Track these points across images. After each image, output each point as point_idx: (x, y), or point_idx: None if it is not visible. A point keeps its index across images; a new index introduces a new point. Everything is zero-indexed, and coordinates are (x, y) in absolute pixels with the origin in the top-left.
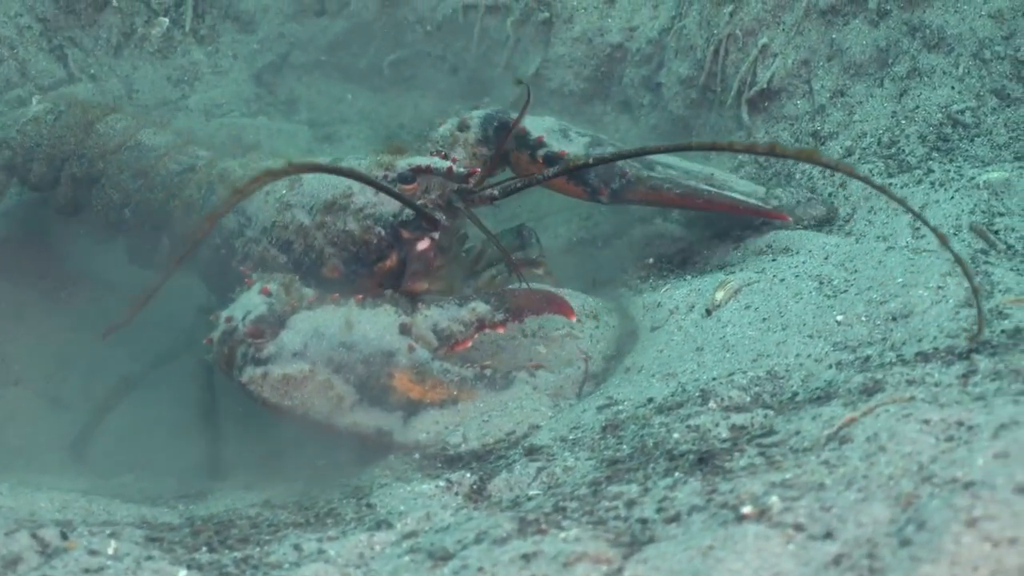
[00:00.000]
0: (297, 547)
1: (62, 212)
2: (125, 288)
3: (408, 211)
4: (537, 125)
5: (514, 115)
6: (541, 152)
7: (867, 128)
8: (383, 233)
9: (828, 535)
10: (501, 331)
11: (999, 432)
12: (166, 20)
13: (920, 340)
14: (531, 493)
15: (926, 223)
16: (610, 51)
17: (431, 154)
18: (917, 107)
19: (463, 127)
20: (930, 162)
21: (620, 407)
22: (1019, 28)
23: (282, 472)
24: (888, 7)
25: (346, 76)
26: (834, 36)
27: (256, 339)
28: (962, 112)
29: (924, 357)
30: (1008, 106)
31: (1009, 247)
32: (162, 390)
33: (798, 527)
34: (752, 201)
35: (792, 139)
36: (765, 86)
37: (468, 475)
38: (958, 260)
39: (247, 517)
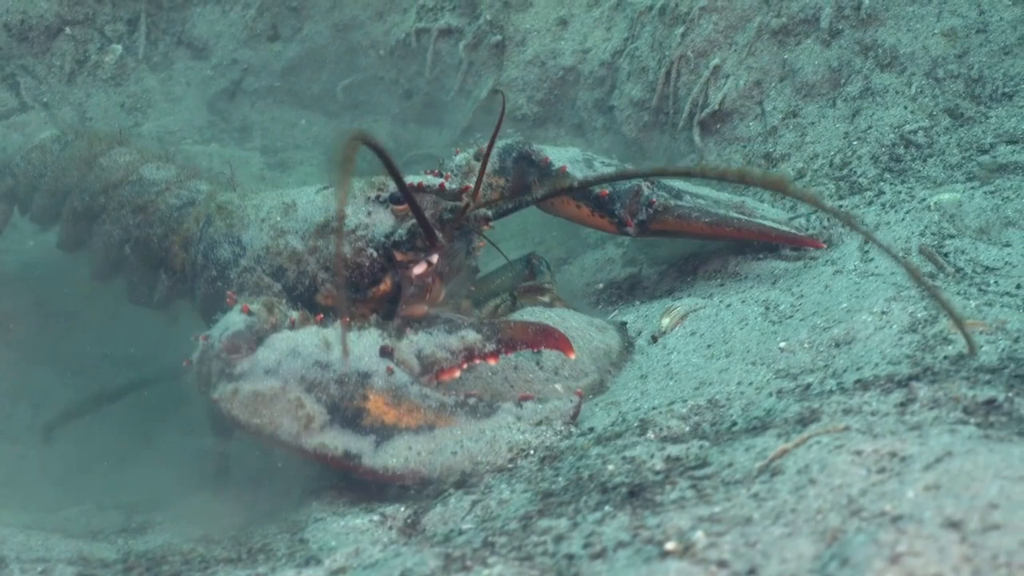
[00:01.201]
0: None
1: (64, 248)
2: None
3: (401, 232)
4: (560, 156)
5: (534, 147)
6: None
7: (819, 149)
8: (375, 255)
9: (751, 572)
10: (492, 363)
11: (932, 464)
12: (119, 47)
13: (861, 367)
14: (464, 527)
15: (907, 267)
16: (563, 74)
17: (426, 173)
18: (870, 127)
19: (480, 157)
20: (882, 183)
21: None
22: (972, 46)
23: (232, 504)
24: (840, 26)
25: (300, 102)
26: (786, 56)
27: (231, 355)
28: (915, 132)
29: (863, 385)
30: (961, 125)
31: (958, 270)
32: (114, 422)
33: (722, 563)
34: (784, 228)
35: (745, 161)
36: (717, 108)
37: (403, 508)
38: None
39: (180, 553)
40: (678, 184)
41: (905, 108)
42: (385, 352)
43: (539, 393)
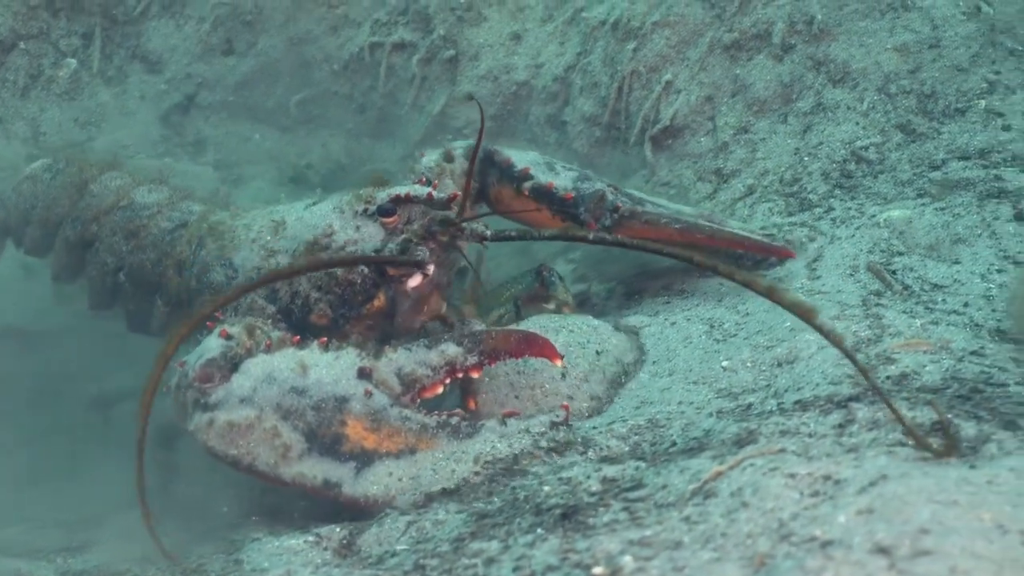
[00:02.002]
0: None
1: (59, 279)
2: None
3: (392, 246)
4: (522, 158)
5: (496, 148)
6: (528, 184)
7: (769, 165)
8: (367, 271)
9: None
10: (475, 375)
11: (866, 487)
12: (73, 62)
13: (802, 388)
14: (398, 548)
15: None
16: (516, 88)
17: (413, 182)
18: (821, 143)
19: (449, 158)
20: (832, 200)
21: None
22: (925, 61)
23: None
24: (793, 42)
25: (253, 116)
26: (738, 72)
27: (204, 384)
28: (866, 148)
29: (803, 406)
30: (913, 141)
31: (906, 287)
32: (59, 441)
33: None
34: (756, 236)
35: (695, 177)
36: (668, 123)
37: (338, 529)
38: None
39: (114, 573)
40: (637, 192)
41: (857, 124)
42: (363, 373)
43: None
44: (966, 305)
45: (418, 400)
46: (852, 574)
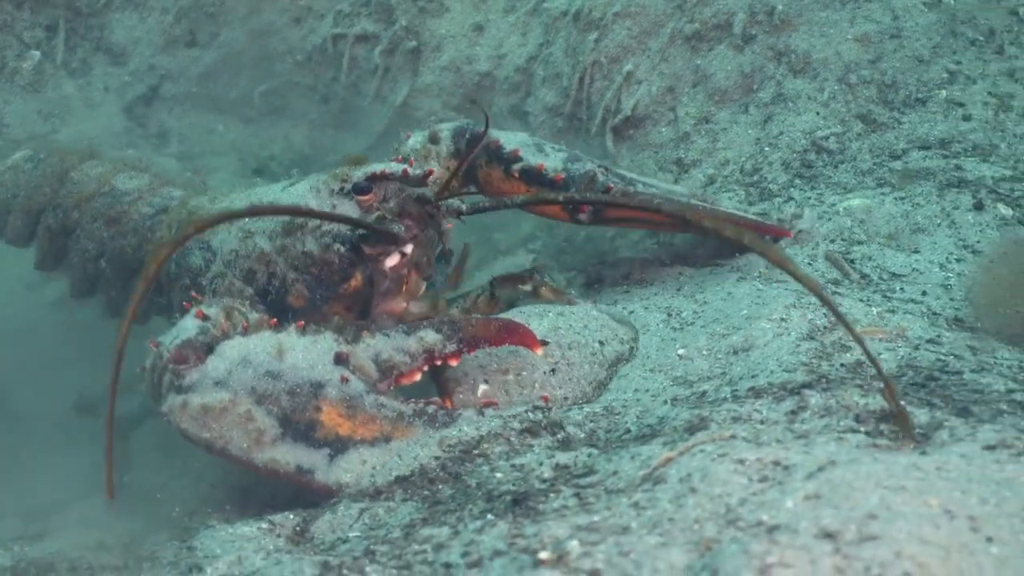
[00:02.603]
0: None
1: (42, 268)
2: None
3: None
4: (511, 140)
5: (482, 128)
6: (517, 166)
7: (730, 155)
8: (343, 250)
9: None
10: (453, 363)
11: (815, 473)
12: (37, 53)
13: (756, 375)
14: (351, 535)
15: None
16: (478, 79)
17: (389, 160)
18: (781, 133)
19: (434, 139)
20: (792, 189)
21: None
22: (886, 51)
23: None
24: (753, 32)
25: (217, 107)
26: (699, 62)
27: (179, 365)
28: (826, 138)
29: (756, 393)
30: (873, 131)
31: (863, 276)
32: (18, 430)
33: (594, 573)
34: (751, 216)
35: (656, 167)
36: (630, 113)
37: (292, 516)
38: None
39: (68, 560)
40: (628, 172)
41: (817, 114)
42: (340, 359)
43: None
44: (924, 294)
45: (395, 387)
46: (797, 558)
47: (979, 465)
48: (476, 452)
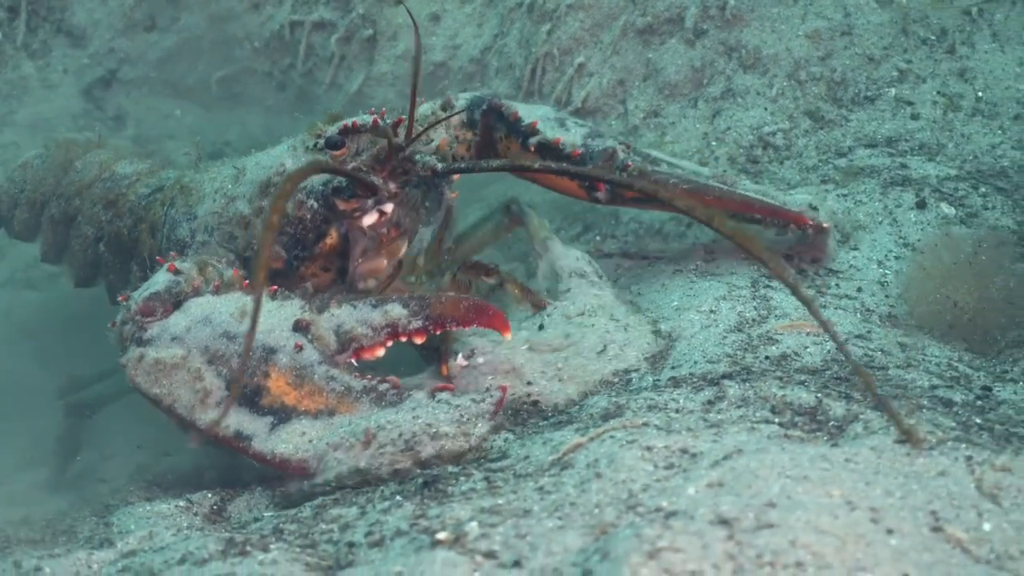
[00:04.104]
0: (17, 564)
1: (47, 260)
2: None
3: (340, 178)
4: (531, 112)
5: (504, 102)
6: (534, 140)
7: (677, 149)
8: (316, 207)
9: (516, 563)
10: (419, 340)
11: (720, 461)
12: None
13: (680, 365)
14: (265, 514)
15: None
16: (433, 69)
17: (366, 113)
18: (729, 128)
19: (447, 107)
20: (735, 185)
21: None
22: (836, 49)
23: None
24: (705, 27)
25: (175, 92)
26: (650, 56)
27: (145, 317)
28: (773, 134)
29: (676, 382)
30: (821, 128)
31: (801, 271)
32: None
33: (490, 554)
34: (770, 200)
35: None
36: (580, 106)
37: (210, 496)
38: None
39: None
40: (655, 152)
41: (765, 110)
42: (299, 326)
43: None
44: (859, 290)
45: (354, 361)
46: (688, 543)
47: (889, 458)
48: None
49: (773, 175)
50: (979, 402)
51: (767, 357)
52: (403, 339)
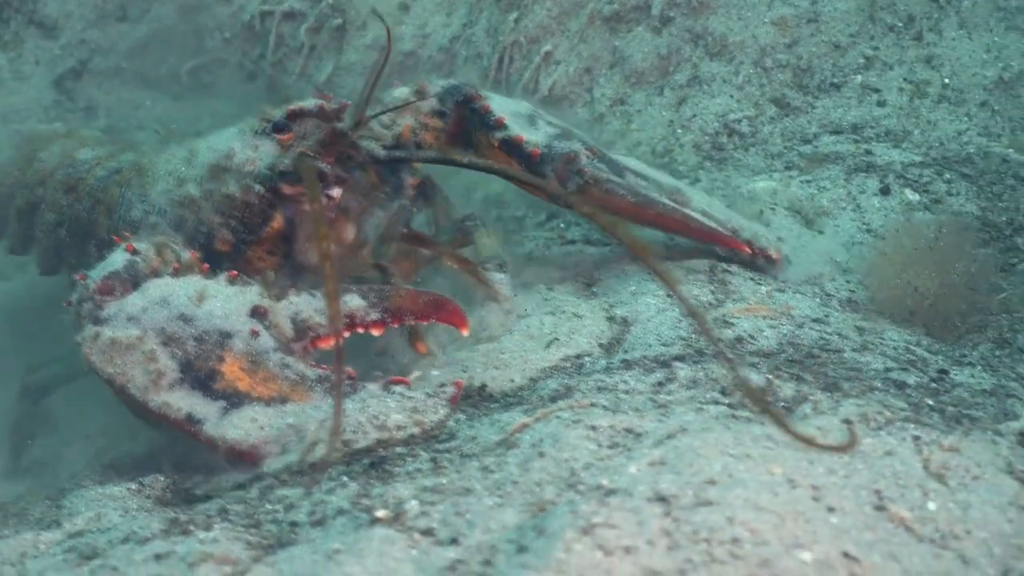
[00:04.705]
0: None
1: (15, 252)
2: None
3: (286, 161)
4: (503, 107)
5: (480, 92)
6: (498, 135)
7: (643, 137)
8: (262, 191)
9: (453, 540)
10: (376, 332)
11: (664, 440)
12: None
13: (634, 348)
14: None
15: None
16: (402, 58)
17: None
18: (694, 116)
19: (420, 94)
20: (700, 171)
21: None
22: (803, 36)
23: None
24: (672, 14)
25: (146, 83)
26: (617, 43)
27: (103, 296)
28: (739, 121)
29: (627, 365)
30: (787, 115)
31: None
32: None
33: (427, 532)
34: (708, 223)
35: None
36: (547, 94)
37: (161, 479)
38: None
39: None
40: (631, 163)
41: (731, 97)
42: (256, 312)
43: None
44: (820, 275)
45: (311, 349)
46: (624, 520)
47: (835, 437)
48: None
49: (737, 162)
50: (934, 384)
51: (720, 340)
52: (360, 331)
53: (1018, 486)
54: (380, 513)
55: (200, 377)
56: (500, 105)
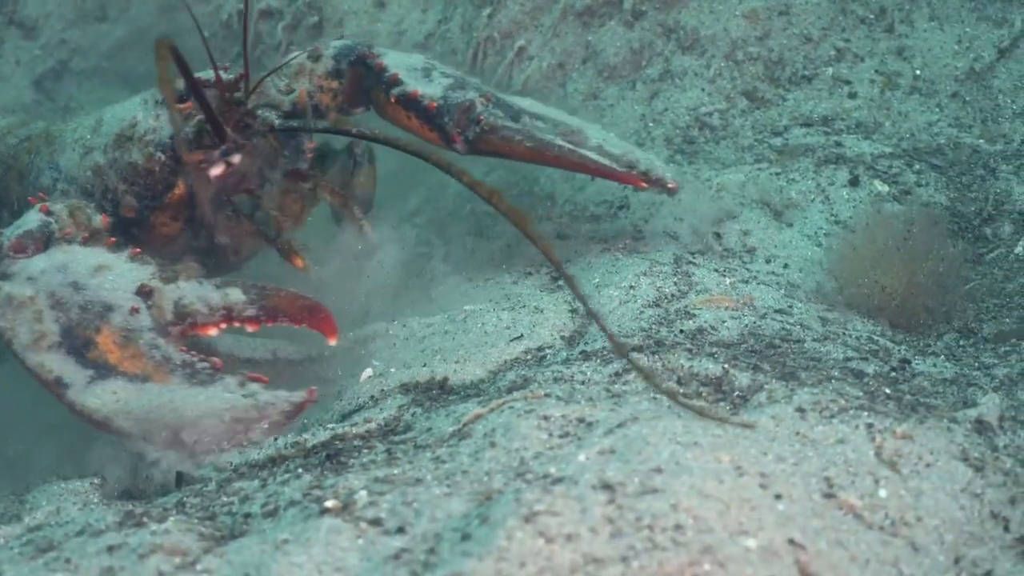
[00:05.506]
0: None
1: None
2: None
3: (186, 129)
4: (399, 62)
5: (374, 50)
6: (395, 91)
7: (615, 131)
8: (163, 158)
9: (400, 529)
10: (251, 329)
11: (614, 429)
12: None
13: (595, 340)
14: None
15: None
16: None
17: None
18: (666, 109)
19: (315, 56)
20: (670, 164)
21: None
22: (774, 28)
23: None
24: (644, 8)
25: (126, 82)
26: (590, 38)
27: (16, 254)
28: (710, 114)
29: (586, 356)
30: (758, 108)
31: (727, 249)
32: None
33: (375, 521)
34: (604, 162)
35: None
36: (520, 89)
37: (122, 474)
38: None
39: None
40: (524, 104)
41: (703, 90)
42: (142, 291)
43: None
44: (786, 266)
45: (188, 334)
46: (567, 507)
47: (788, 425)
48: None
49: (708, 155)
50: (893, 373)
51: (682, 331)
52: (236, 324)
53: (972, 473)
54: (330, 503)
55: (76, 344)
56: (395, 60)
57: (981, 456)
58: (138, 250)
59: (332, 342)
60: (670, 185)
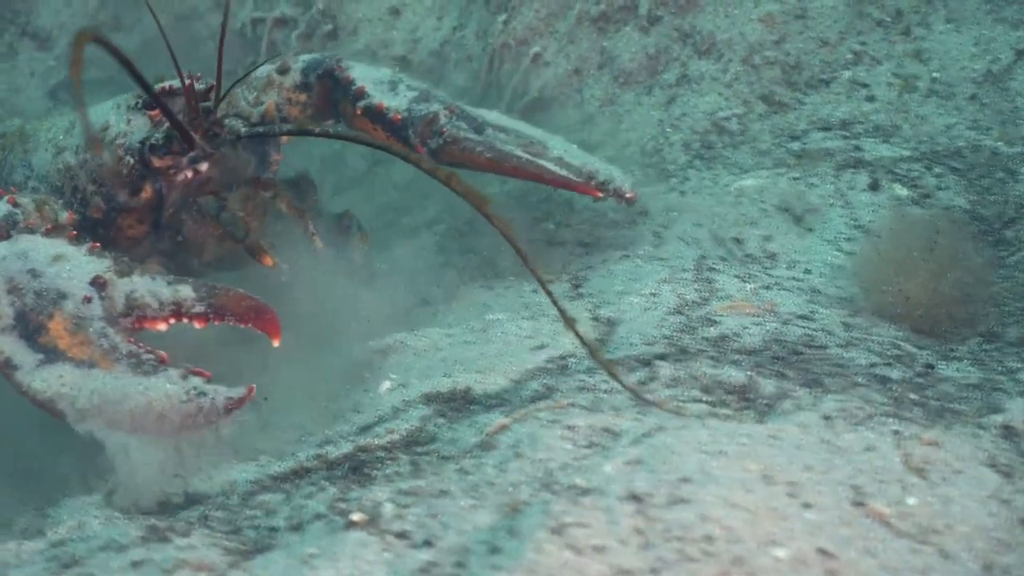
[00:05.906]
0: None
1: None
2: None
3: (156, 136)
4: (366, 75)
5: (341, 64)
6: (361, 103)
7: (632, 137)
8: (132, 162)
9: (427, 542)
10: (198, 326)
11: (640, 439)
12: None
13: (618, 348)
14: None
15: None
16: (394, 64)
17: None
18: (684, 114)
19: (283, 70)
20: (689, 170)
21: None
22: (791, 32)
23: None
24: (659, 13)
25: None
26: (605, 44)
27: None
28: (728, 119)
29: (610, 364)
30: (775, 112)
31: (747, 255)
32: None
33: (402, 535)
34: (561, 172)
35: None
36: (537, 96)
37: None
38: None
39: None
40: (491, 117)
41: (720, 95)
42: (96, 281)
43: None
44: (808, 272)
45: (136, 327)
46: (595, 519)
47: (815, 433)
48: None
49: (727, 160)
50: (918, 379)
51: (705, 338)
52: (185, 321)
53: (1000, 479)
54: (356, 516)
55: (29, 329)
56: (362, 73)
57: (1009, 462)
58: (97, 244)
59: (276, 343)
60: (628, 195)
